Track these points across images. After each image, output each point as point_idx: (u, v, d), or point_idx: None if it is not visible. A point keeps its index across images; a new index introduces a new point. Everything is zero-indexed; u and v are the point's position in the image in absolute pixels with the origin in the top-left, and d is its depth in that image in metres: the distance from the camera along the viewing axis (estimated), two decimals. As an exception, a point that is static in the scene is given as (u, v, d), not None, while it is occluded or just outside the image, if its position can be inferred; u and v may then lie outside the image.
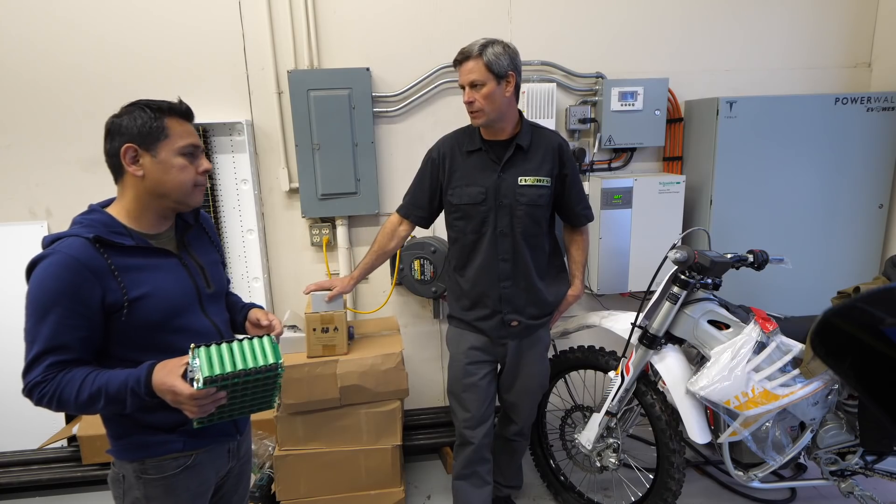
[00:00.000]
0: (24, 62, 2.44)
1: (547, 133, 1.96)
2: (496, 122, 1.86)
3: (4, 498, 2.60)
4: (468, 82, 1.81)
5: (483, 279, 1.97)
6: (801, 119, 2.66)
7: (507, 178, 1.90)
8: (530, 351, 2.07)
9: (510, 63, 1.80)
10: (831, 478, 2.04)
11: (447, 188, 1.97)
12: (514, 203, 1.89)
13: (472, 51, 1.78)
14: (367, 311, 2.82)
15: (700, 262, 1.90)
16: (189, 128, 1.29)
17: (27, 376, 1.15)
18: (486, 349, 2.05)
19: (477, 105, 1.81)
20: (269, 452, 2.33)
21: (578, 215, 2.05)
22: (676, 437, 2.08)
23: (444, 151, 1.99)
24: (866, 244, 2.84)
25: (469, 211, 1.93)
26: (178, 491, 1.31)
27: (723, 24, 2.79)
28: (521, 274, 1.96)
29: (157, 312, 1.23)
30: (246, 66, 2.57)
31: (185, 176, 1.26)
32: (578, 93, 2.77)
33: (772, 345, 1.91)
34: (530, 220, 1.91)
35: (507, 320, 1.98)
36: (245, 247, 2.68)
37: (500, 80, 1.79)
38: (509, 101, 1.84)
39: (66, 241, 1.17)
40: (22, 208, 2.58)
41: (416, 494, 2.54)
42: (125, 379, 1.16)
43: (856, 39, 2.88)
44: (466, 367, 2.05)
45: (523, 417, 2.19)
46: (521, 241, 1.92)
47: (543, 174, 1.91)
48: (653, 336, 2.01)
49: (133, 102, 1.25)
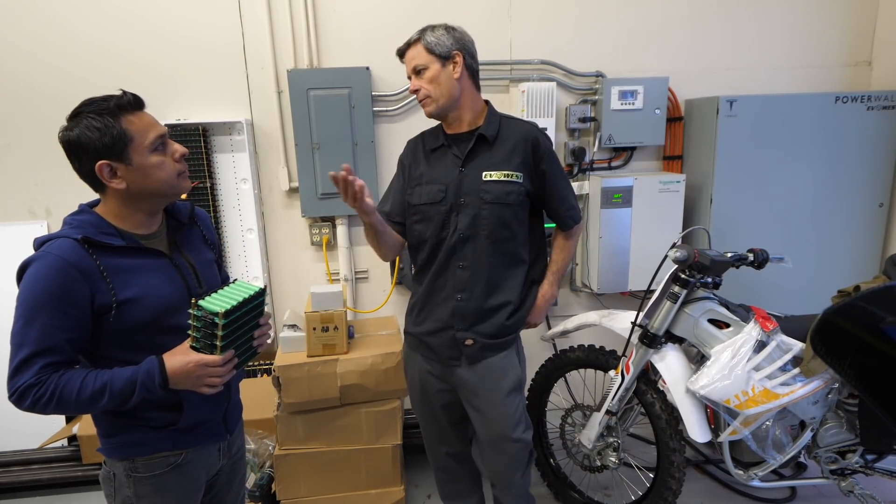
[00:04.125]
0: (23, 62, 2.44)
1: (519, 123, 1.76)
2: (449, 110, 1.69)
3: (4, 498, 2.60)
4: (412, 69, 1.68)
5: (436, 288, 1.76)
6: (802, 118, 2.65)
7: (470, 174, 1.69)
8: (487, 383, 1.76)
9: (454, 43, 1.65)
10: (831, 477, 2.04)
11: (407, 189, 1.80)
12: (477, 201, 1.68)
13: (412, 38, 1.68)
14: (367, 311, 2.82)
15: (700, 261, 1.90)
16: (146, 119, 1.21)
17: (16, 379, 1.12)
18: (439, 375, 1.82)
19: (422, 92, 1.66)
20: (270, 452, 2.32)
21: (562, 217, 1.82)
22: (676, 436, 2.08)
23: (409, 151, 1.85)
24: (866, 243, 2.84)
25: (427, 212, 1.73)
26: (168, 489, 1.30)
27: (723, 22, 2.79)
28: (482, 284, 1.71)
29: (147, 313, 1.22)
30: (246, 66, 2.56)
31: (165, 172, 1.22)
32: (578, 92, 2.77)
33: (772, 344, 1.91)
34: (497, 221, 1.69)
35: (459, 338, 1.74)
36: (245, 246, 2.68)
37: (445, 60, 1.64)
38: (460, 85, 1.67)
39: (56, 243, 1.17)
40: (21, 208, 2.58)
41: (417, 494, 2.54)
42: (132, 375, 1.16)
43: (856, 38, 2.88)
44: (421, 391, 1.88)
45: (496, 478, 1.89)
46: (487, 246, 1.70)
47: (512, 168, 1.69)
48: (653, 335, 2.01)
49: (77, 110, 1.17)
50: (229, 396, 1.40)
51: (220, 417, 1.39)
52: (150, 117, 1.23)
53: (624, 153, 2.85)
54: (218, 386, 1.20)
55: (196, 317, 1.16)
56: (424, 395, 1.89)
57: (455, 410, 1.88)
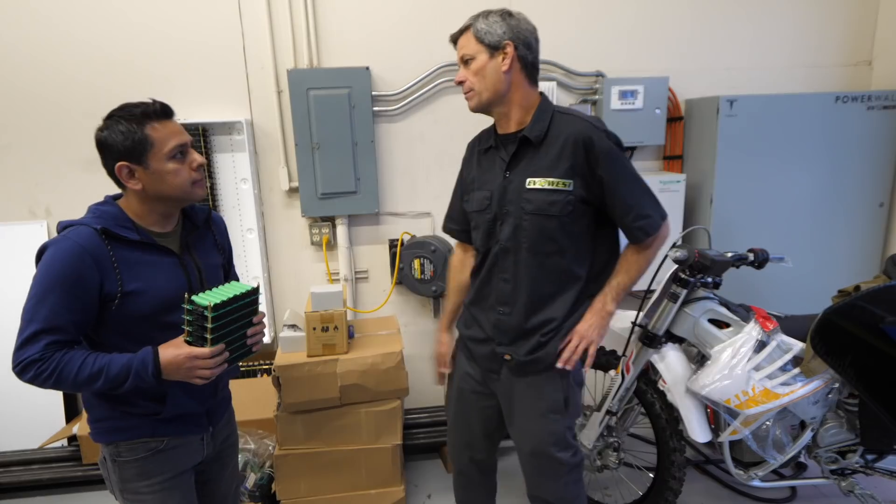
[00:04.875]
0: (24, 63, 2.44)
1: (572, 120, 1.51)
2: (494, 105, 1.53)
3: (4, 498, 2.60)
4: (460, 58, 1.53)
5: (481, 297, 1.66)
6: (802, 117, 2.65)
7: (514, 180, 1.53)
8: (525, 404, 1.64)
9: (508, 31, 1.46)
10: (832, 476, 2.04)
11: (463, 196, 1.71)
12: (518, 211, 1.52)
13: (465, 24, 1.52)
14: (368, 311, 2.82)
15: (700, 260, 1.90)
16: (171, 127, 1.30)
17: (21, 352, 1.19)
18: (479, 380, 1.73)
19: (467, 83, 1.51)
20: (270, 452, 2.32)
21: (629, 228, 1.53)
22: (677, 435, 2.08)
23: (467, 153, 1.73)
24: (867, 242, 2.84)
25: (477, 220, 1.63)
26: (151, 474, 1.37)
27: (723, 22, 2.79)
28: (525, 300, 1.56)
29: (147, 307, 1.29)
30: (245, 66, 2.56)
31: (179, 179, 1.31)
32: (578, 91, 2.77)
33: (772, 343, 1.91)
34: (539, 233, 1.51)
35: (498, 353, 1.63)
36: (245, 246, 2.68)
37: (494, 51, 1.47)
38: (509, 79, 1.49)
39: (76, 230, 1.25)
40: (22, 208, 2.58)
41: (417, 493, 2.54)
42: (128, 362, 1.23)
43: (856, 37, 2.88)
44: (459, 390, 1.79)
45: (534, 486, 1.74)
46: (530, 259, 1.53)
47: (559, 174, 1.48)
48: (653, 335, 2.01)
49: (111, 113, 1.27)
50: (215, 393, 1.47)
51: (203, 411, 1.45)
52: (176, 126, 1.32)
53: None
54: (209, 378, 1.26)
55: (189, 311, 1.22)
56: (461, 396, 1.79)
57: (489, 417, 1.76)
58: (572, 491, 1.73)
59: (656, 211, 1.53)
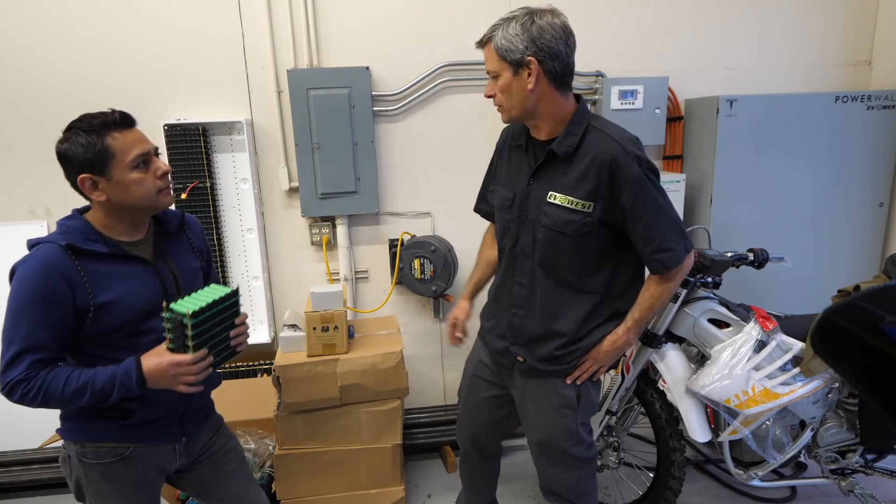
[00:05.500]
0: (24, 63, 2.44)
1: (603, 139, 1.45)
2: (526, 119, 1.52)
3: (4, 497, 2.60)
4: (488, 72, 1.49)
5: (499, 296, 1.69)
6: (802, 117, 2.65)
7: (537, 189, 1.52)
8: (537, 399, 1.67)
9: (529, 45, 1.40)
10: (831, 476, 2.04)
11: (490, 184, 1.74)
12: (536, 221, 1.52)
13: (485, 35, 1.47)
14: (368, 310, 2.82)
15: (700, 260, 1.90)
16: (133, 136, 1.28)
17: (6, 374, 1.21)
18: (493, 370, 1.77)
19: (497, 99, 1.48)
20: (270, 452, 2.33)
21: (648, 260, 1.50)
22: (677, 435, 2.08)
23: (501, 141, 1.71)
24: (866, 242, 2.84)
25: (499, 216, 1.66)
26: (114, 478, 1.38)
27: (723, 22, 2.79)
28: (538, 307, 1.58)
29: (122, 317, 1.29)
30: (245, 65, 2.56)
31: (144, 188, 1.29)
32: (578, 91, 2.76)
33: (772, 343, 1.91)
34: (550, 248, 1.51)
35: (512, 352, 1.66)
36: (245, 246, 2.68)
37: (518, 68, 1.42)
38: (537, 94, 1.44)
39: (43, 248, 1.26)
40: (22, 208, 2.58)
41: (417, 493, 2.54)
42: (112, 374, 1.24)
43: (856, 37, 2.88)
44: (472, 377, 1.84)
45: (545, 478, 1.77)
46: (540, 269, 1.55)
47: (580, 196, 1.45)
48: (653, 334, 2.01)
49: (70, 125, 1.26)
50: (190, 401, 1.44)
51: (175, 418, 1.43)
52: (138, 134, 1.30)
53: (624, 153, 2.84)
54: (194, 384, 1.27)
55: (168, 319, 1.22)
56: (473, 382, 1.83)
57: (498, 406, 1.80)
58: (585, 486, 1.75)
59: (679, 244, 1.48)
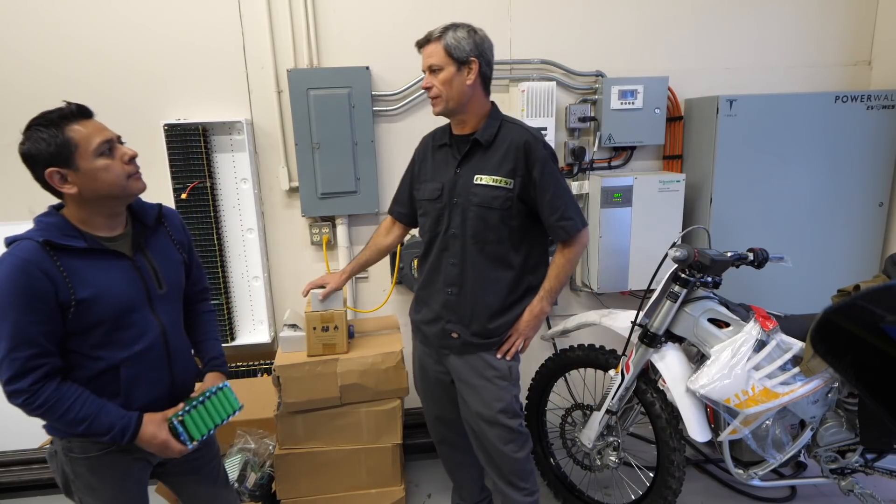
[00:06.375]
0: (25, 64, 2.44)
1: (516, 129, 1.77)
2: (457, 112, 1.76)
3: (4, 497, 2.60)
4: (427, 66, 1.72)
5: (431, 280, 1.90)
6: (802, 117, 2.65)
7: (463, 176, 1.79)
8: (472, 374, 1.89)
9: (473, 48, 1.68)
10: (831, 476, 2.04)
11: (415, 183, 1.94)
12: (466, 202, 1.77)
13: (434, 34, 1.70)
14: (368, 310, 2.82)
15: (700, 260, 1.90)
16: (92, 126, 1.29)
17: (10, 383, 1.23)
18: (435, 360, 1.99)
19: (434, 91, 1.71)
20: (270, 451, 2.32)
21: (552, 228, 1.78)
22: (676, 435, 2.08)
23: (421, 147, 1.97)
24: (866, 242, 2.84)
25: (427, 207, 1.87)
26: (100, 472, 1.40)
27: (723, 22, 2.79)
28: (470, 282, 1.82)
29: (103, 312, 1.30)
30: (245, 65, 2.56)
31: (112, 174, 1.29)
32: (578, 91, 2.77)
33: (772, 343, 1.91)
34: (483, 223, 1.76)
35: (447, 330, 1.88)
36: (245, 246, 2.68)
37: (461, 65, 1.68)
38: (471, 90, 1.72)
39: (20, 245, 1.25)
40: (22, 208, 2.58)
41: (417, 493, 2.54)
42: (112, 422, 1.30)
43: (856, 37, 2.88)
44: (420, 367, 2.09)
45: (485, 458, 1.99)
46: (472, 246, 1.79)
47: (502, 174, 1.74)
48: (653, 334, 2.01)
49: (29, 124, 1.27)
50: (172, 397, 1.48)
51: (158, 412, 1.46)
52: (98, 124, 1.31)
53: (624, 153, 2.85)
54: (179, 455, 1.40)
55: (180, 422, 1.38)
56: (424, 373, 2.08)
57: (453, 388, 2.01)
58: (524, 465, 1.97)
59: (577, 217, 1.78)
